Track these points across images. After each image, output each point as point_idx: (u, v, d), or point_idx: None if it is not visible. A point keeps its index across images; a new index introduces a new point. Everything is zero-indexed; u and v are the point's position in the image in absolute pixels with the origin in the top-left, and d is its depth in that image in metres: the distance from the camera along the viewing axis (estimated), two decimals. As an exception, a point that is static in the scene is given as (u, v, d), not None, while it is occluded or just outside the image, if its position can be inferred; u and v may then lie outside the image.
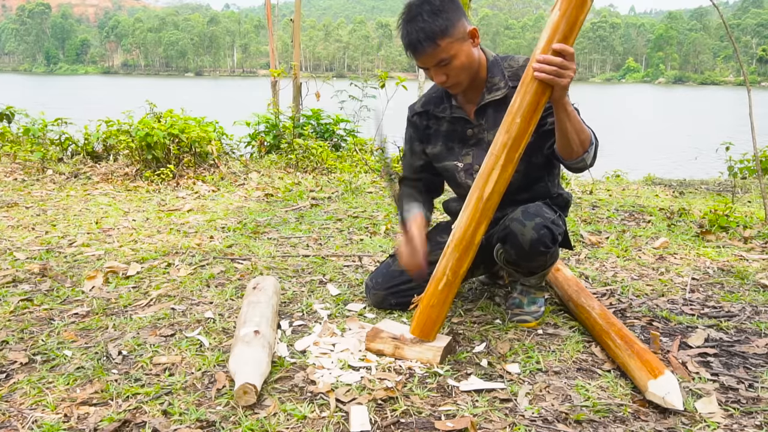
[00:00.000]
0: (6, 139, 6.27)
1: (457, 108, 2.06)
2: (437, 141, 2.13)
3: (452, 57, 1.86)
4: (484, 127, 2.03)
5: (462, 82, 1.93)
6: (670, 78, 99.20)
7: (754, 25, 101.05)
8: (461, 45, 1.87)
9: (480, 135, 2.05)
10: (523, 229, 1.89)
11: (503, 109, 1.97)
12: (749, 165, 5.86)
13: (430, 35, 1.82)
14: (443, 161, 2.13)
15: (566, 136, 1.79)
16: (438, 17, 1.82)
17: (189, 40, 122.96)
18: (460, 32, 1.86)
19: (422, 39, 1.83)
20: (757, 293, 2.38)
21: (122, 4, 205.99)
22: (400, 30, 1.89)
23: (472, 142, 2.06)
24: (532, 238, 1.88)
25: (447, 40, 1.83)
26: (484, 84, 2.00)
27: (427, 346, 1.79)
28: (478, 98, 2.02)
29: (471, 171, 2.07)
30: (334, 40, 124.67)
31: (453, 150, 2.10)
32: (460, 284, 1.84)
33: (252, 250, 2.96)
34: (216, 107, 17.28)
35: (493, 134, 2.00)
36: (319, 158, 5.52)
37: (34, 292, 2.38)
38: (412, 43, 1.86)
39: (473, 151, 2.06)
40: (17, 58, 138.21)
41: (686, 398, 1.56)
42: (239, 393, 1.51)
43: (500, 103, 1.98)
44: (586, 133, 1.82)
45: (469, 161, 2.08)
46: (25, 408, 1.53)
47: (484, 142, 2.03)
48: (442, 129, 2.12)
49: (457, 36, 1.85)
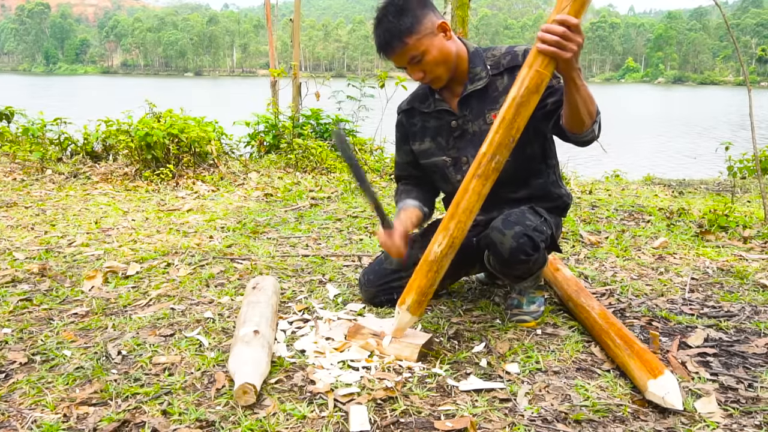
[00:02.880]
0: (5, 139, 6.27)
1: (440, 101, 2.06)
2: (424, 137, 2.13)
3: (423, 53, 1.87)
4: (468, 117, 2.03)
5: (441, 76, 1.94)
6: (669, 78, 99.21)
7: (754, 25, 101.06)
8: (431, 40, 1.87)
9: (464, 126, 2.04)
10: (503, 238, 1.88)
11: (486, 99, 1.97)
12: (749, 165, 5.86)
13: (397, 35, 1.85)
14: (431, 157, 2.12)
15: (576, 108, 1.73)
16: (403, 16, 1.84)
17: (188, 40, 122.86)
18: (427, 28, 1.86)
19: (389, 40, 1.86)
20: (757, 293, 2.38)
21: (122, 3, 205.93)
22: (372, 34, 1.92)
23: (457, 134, 2.06)
24: (511, 247, 1.87)
25: (415, 37, 1.85)
26: (466, 75, 2.00)
27: (406, 343, 1.79)
28: (462, 90, 2.02)
29: (459, 164, 2.07)
30: (333, 40, 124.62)
31: (440, 145, 2.09)
32: (452, 254, 1.78)
33: (251, 250, 2.96)
34: (215, 107, 17.28)
35: (478, 125, 2.00)
36: (318, 158, 5.52)
37: (33, 291, 2.37)
38: (382, 45, 1.90)
39: (459, 144, 2.06)
40: (16, 57, 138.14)
41: (686, 398, 1.56)
42: (239, 393, 1.51)
43: (482, 92, 1.99)
44: (593, 102, 1.77)
45: (455, 155, 2.07)
46: (25, 408, 1.53)
47: (468, 134, 2.03)
48: (428, 125, 2.12)
49: (425, 32, 1.86)
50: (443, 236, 1.75)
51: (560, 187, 2.15)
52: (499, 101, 1.97)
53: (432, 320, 2.10)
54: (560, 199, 2.14)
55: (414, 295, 1.80)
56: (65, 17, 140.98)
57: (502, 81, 1.98)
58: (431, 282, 1.79)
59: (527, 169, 2.06)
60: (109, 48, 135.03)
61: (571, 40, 1.57)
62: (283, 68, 7.26)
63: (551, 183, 2.12)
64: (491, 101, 1.99)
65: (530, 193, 2.08)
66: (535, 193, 2.08)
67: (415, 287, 1.80)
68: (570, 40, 1.57)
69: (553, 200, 2.12)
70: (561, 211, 2.17)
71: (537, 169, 2.08)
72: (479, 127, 2.01)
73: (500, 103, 1.95)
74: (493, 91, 1.99)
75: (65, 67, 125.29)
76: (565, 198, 2.16)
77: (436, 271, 1.77)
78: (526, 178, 2.07)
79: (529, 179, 2.07)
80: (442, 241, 1.76)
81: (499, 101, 1.97)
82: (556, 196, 2.12)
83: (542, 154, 2.07)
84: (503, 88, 1.97)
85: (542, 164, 2.08)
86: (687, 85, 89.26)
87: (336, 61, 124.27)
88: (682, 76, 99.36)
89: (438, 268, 1.77)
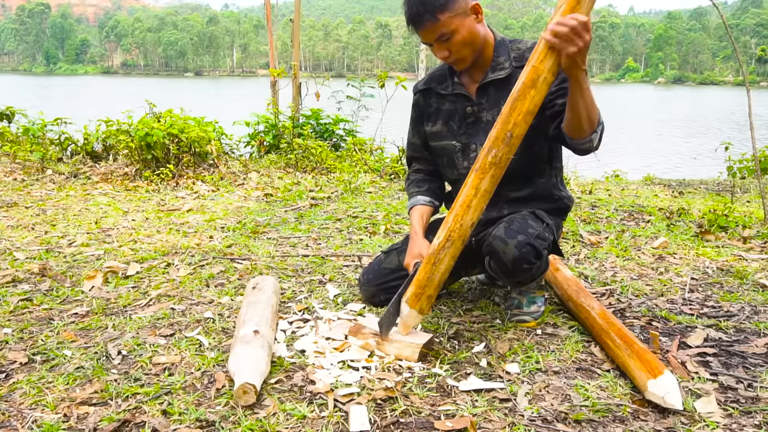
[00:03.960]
0: (6, 139, 6.27)
1: (459, 85, 2.05)
2: (437, 119, 2.12)
3: (453, 32, 1.85)
4: (484, 106, 2.01)
5: (465, 57, 1.92)
6: (669, 78, 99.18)
7: (753, 25, 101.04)
8: (463, 20, 1.86)
9: (479, 114, 2.03)
10: (505, 248, 1.86)
11: (506, 90, 1.93)
12: (748, 165, 5.86)
13: (430, 9, 1.82)
14: (442, 140, 2.11)
15: (577, 112, 1.73)
16: None
17: (188, 40, 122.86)
18: (461, 6, 1.85)
19: (422, 13, 1.83)
20: (756, 293, 2.38)
21: (122, 3, 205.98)
22: (403, 5, 1.89)
23: (471, 120, 2.04)
24: (514, 256, 1.85)
25: (447, 15, 1.83)
26: (489, 63, 1.99)
27: (406, 342, 1.80)
28: (482, 77, 2.00)
29: (468, 151, 2.06)
30: (333, 40, 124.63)
31: (452, 129, 2.08)
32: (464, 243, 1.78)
33: (251, 250, 2.96)
34: (215, 107, 17.28)
35: (492, 114, 1.98)
36: (318, 158, 5.52)
37: (33, 291, 2.38)
38: (413, 17, 1.86)
39: (471, 130, 2.05)
40: (17, 57, 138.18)
41: (685, 398, 1.56)
42: (239, 393, 1.51)
43: (503, 82, 1.97)
44: (597, 111, 1.76)
45: (466, 140, 2.06)
46: (25, 408, 1.53)
47: (482, 122, 2.02)
48: (443, 107, 2.10)
49: (458, 10, 1.84)
50: (441, 229, 1.77)
51: (561, 190, 2.15)
52: None
53: (432, 320, 2.10)
54: (561, 200, 2.13)
55: (413, 288, 1.81)
56: (65, 17, 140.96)
57: None
58: (428, 274, 1.79)
59: (531, 168, 2.05)
60: (109, 48, 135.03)
61: (579, 36, 1.57)
62: (283, 68, 7.27)
63: (553, 185, 2.11)
64: (510, 93, 1.98)
65: (532, 193, 2.07)
66: (537, 193, 2.08)
67: (414, 280, 1.82)
68: (578, 35, 1.56)
69: (554, 201, 2.12)
70: (562, 213, 2.17)
71: (541, 168, 2.07)
72: (493, 116, 1.98)
73: None
74: (514, 83, 1.97)
75: (65, 68, 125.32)
76: (566, 200, 2.15)
77: (433, 264, 1.78)
78: (530, 177, 2.06)
79: (533, 178, 2.07)
80: (440, 234, 1.77)
81: None
82: (558, 197, 2.12)
83: (548, 155, 2.06)
84: None
85: (546, 164, 2.08)
86: (687, 86, 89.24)
87: (336, 61, 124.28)
88: (682, 76, 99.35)
89: (435, 261, 1.77)
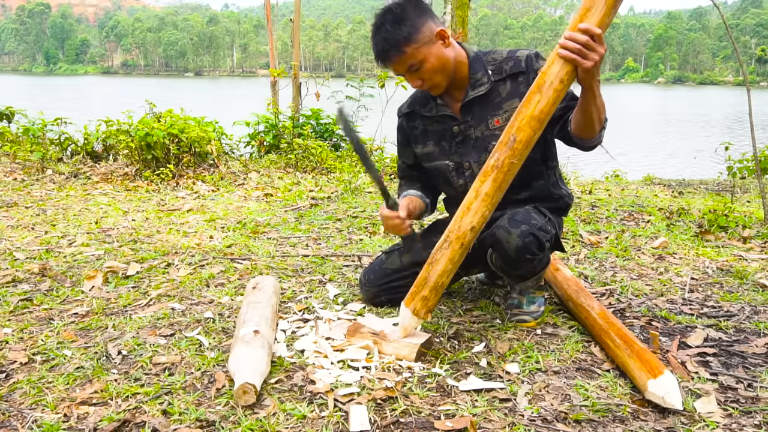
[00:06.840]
0: (6, 139, 6.27)
1: (442, 106, 2.06)
2: (427, 140, 2.13)
3: (422, 61, 1.87)
4: (471, 123, 2.03)
5: (439, 83, 1.94)
6: (669, 78, 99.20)
7: (753, 25, 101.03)
8: (429, 48, 1.87)
9: (467, 132, 2.04)
10: (509, 237, 1.88)
11: (488, 105, 1.97)
12: (748, 165, 5.86)
13: (395, 44, 1.85)
14: (434, 161, 2.13)
15: (589, 116, 1.75)
16: (401, 25, 1.84)
17: (188, 40, 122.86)
18: (426, 36, 1.86)
19: (387, 48, 1.86)
20: (756, 293, 2.38)
21: (122, 4, 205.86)
22: (370, 43, 1.93)
23: (459, 139, 2.06)
24: (517, 246, 1.88)
25: (413, 46, 1.85)
26: (467, 81, 2.00)
27: (405, 342, 1.80)
28: (463, 95, 2.02)
29: (462, 169, 2.07)
30: (333, 40, 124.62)
31: (444, 149, 2.10)
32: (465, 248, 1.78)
33: (251, 250, 2.96)
34: (215, 107, 17.27)
35: (480, 130, 2.01)
36: (318, 158, 5.52)
37: (33, 291, 2.38)
38: (380, 54, 1.90)
39: (461, 149, 2.06)
40: (17, 57, 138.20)
41: (685, 398, 1.56)
42: (239, 393, 1.51)
43: (484, 98, 1.99)
44: (605, 110, 1.79)
45: (458, 159, 2.07)
46: (25, 408, 1.53)
47: (471, 139, 2.04)
48: (431, 129, 2.12)
49: (423, 40, 1.86)
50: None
51: (561, 188, 2.15)
52: (501, 107, 1.97)
53: (432, 320, 2.10)
54: (561, 199, 2.14)
55: (411, 287, 1.83)
56: (65, 17, 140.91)
57: (505, 87, 1.98)
58: (424, 274, 1.80)
59: (528, 173, 2.06)
60: (109, 48, 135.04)
61: (594, 50, 1.57)
62: (283, 68, 7.27)
63: (552, 184, 2.12)
64: (493, 107, 1.99)
65: (532, 195, 2.08)
66: (537, 195, 2.09)
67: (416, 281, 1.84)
68: (592, 49, 1.57)
69: (555, 200, 2.13)
70: (562, 212, 2.17)
71: (538, 171, 2.08)
72: (482, 132, 2.01)
73: (503, 108, 1.97)
74: (495, 97, 1.98)
75: (65, 68, 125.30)
76: (566, 198, 2.16)
77: (430, 264, 1.79)
78: (528, 182, 2.07)
79: (531, 182, 2.08)
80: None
81: (502, 107, 1.97)
82: (558, 196, 2.13)
83: (542, 157, 2.07)
84: (506, 94, 1.97)
85: (542, 166, 2.09)
86: (687, 85, 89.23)
87: (336, 61, 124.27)
88: (682, 76, 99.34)
89: (432, 261, 1.79)
